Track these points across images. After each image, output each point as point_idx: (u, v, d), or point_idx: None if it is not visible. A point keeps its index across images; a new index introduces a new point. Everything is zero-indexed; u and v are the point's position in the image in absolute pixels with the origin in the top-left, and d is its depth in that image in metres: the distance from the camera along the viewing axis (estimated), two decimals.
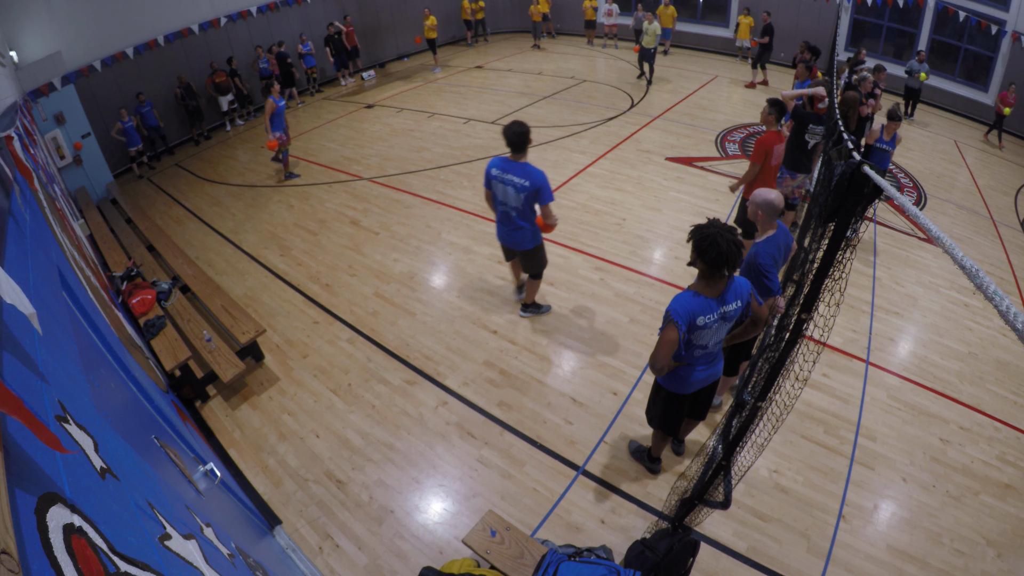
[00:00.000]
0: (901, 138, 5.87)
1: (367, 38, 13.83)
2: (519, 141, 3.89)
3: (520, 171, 3.95)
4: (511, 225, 4.22)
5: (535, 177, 3.93)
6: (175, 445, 2.13)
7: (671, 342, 2.51)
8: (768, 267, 3.12)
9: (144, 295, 4.78)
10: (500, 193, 4.10)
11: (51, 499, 0.74)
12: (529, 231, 4.23)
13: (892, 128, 5.67)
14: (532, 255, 4.43)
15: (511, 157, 4.01)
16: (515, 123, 3.89)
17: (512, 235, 4.29)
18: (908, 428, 3.83)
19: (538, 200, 4.00)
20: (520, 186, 3.96)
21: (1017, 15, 9.67)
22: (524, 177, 3.94)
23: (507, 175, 4.00)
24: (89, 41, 8.76)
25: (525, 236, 4.26)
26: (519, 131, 3.85)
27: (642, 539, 2.79)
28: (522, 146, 3.92)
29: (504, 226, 4.29)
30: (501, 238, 4.42)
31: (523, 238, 4.28)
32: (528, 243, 4.31)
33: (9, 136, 2.88)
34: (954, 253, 0.98)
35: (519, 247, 4.37)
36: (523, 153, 3.96)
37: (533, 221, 4.18)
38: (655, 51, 11.15)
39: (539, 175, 3.93)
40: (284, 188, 7.98)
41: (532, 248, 4.36)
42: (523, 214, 4.12)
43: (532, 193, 3.96)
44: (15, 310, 1.00)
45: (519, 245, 4.35)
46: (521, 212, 4.10)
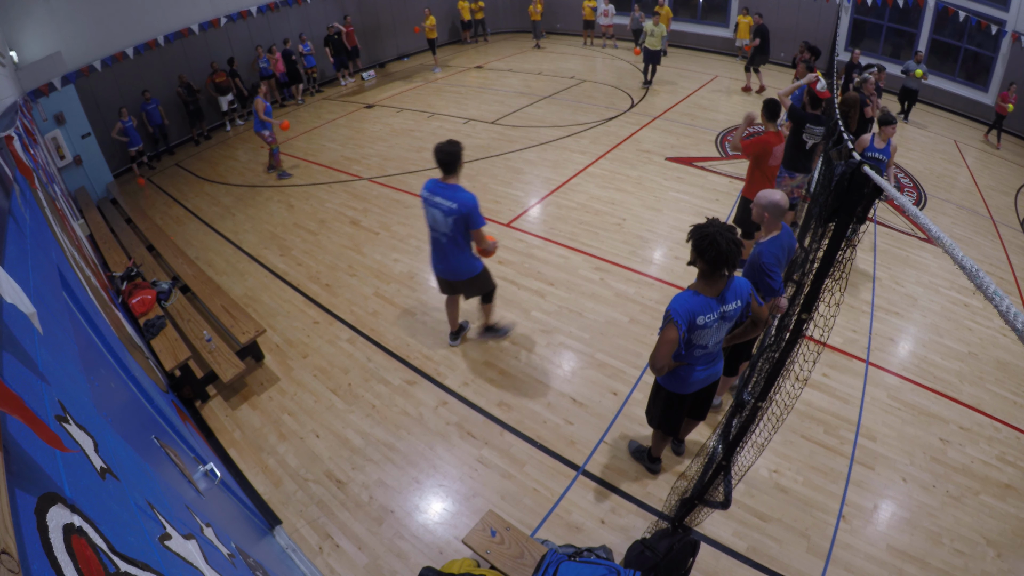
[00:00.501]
0: (897, 146, 5.34)
1: (367, 38, 13.84)
2: (448, 161, 3.58)
3: (448, 193, 3.63)
4: (441, 252, 3.87)
5: (463, 200, 3.60)
6: (175, 445, 2.13)
7: (671, 341, 2.51)
8: (771, 267, 3.12)
9: (144, 295, 4.78)
10: (429, 217, 3.77)
11: (51, 499, 0.74)
12: (463, 259, 3.87)
13: (886, 134, 5.15)
14: (473, 283, 4.08)
15: (442, 179, 3.69)
16: (447, 142, 3.60)
17: (443, 264, 3.93)
18: (908, 428, 3.83)
19: (468, 225, 3.67)
20: (447, 209, 3.63)
21: (1017, 15, 9.67)
22: (452, 200, 3.61)
23: (435, 197, 3.67)
24: (89, 41, 8.76)
25: (459, 264, 3.90)
26: (448, 150, 3.56)
27: (642, 539, 2.79)
28: (452, 166, 3.61)
29: (435, 254, 3.93)
30: (434, 268, 4.04)
31: (457, 266, 3.92)
32: (464, 272, 3.95)
33: (9, 136, 2.88)
34: (954, 253, 0.98)
35: (455, 276, 4.00)
36: (454, 174, 3.65)
37: (467, 248, 3.85)
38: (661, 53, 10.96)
39: (468, 198, 3.61)
40: (284, 188, 7.98)
41: (470, 277, 4.00)
42: (453, 240, 3.75)
43: (460, 218, 3.63)
44: (15, 310, 1.00)
45: (455, 275, 3.99)
46: (451, 238, 3.74)
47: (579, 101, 10.61)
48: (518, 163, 8.06)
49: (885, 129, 5.14)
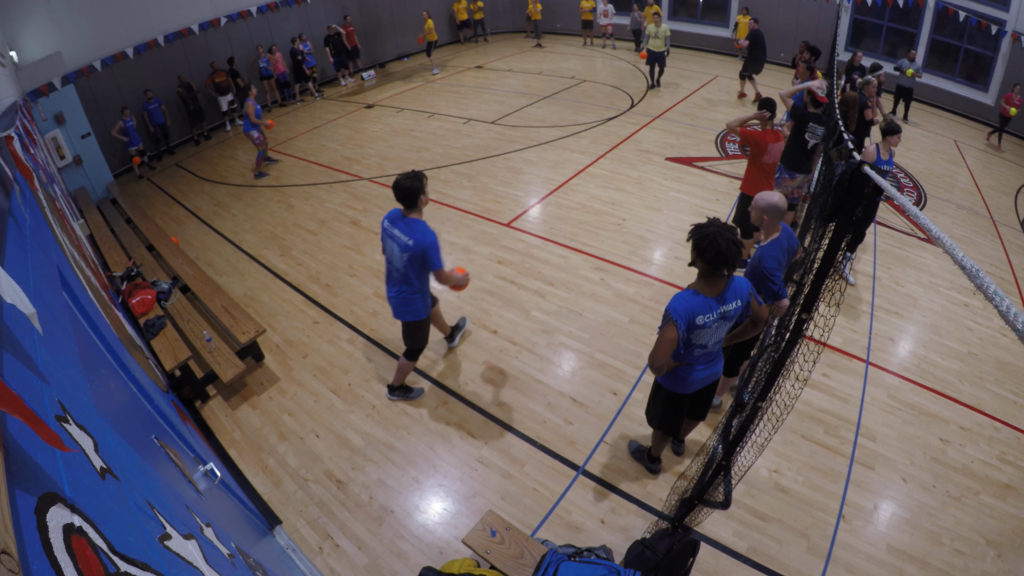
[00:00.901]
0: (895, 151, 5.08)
1: (367, 38, 13.84)
2: (406, 196, 3.26)
3: (406, 229, 3.31)
4: (393, 288, 3.57)
5: (420, 238, 3.27)
6: (175, 445, 2.13)
7: (670, 341, 2.51)
8: (773, 271, 3.11)
9: (144, 295, 4.78)
10: (387, 249, 3.47)
11: (51, 499, 0.74)
12: (411, 300, 3.54)
13: (890, 143, 4.80)
14: (410, 329, 3.75)
15: (403, 212, 3.38)
16: (407, 174, 3.29)
17: (392, 300, 3.61)
18: (908, 428, 3.83)
19: (426, 265, 3.37)
20: (403, 245, 3.32)
21: (1017, 15, 9.67)
22: (409, 236, 3.30)
23: (393, 229, 3.37)
24: (89, 41, 8.76)
25: (406, 305, 3.57)
26: (407, 185, 3.23)
27: (642, 539, 2.79)
28: (411, 200, 3.29)
29: (388, 288, 3.63)
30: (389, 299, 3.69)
31: (403, 306, 3.58)
32: (407, 313, 3.62)
33: (9, 136, 2.88)
34: (954, 253, 0.98)
35: (395, 315, 3.69)
36: (415, 209, 3.33)
37: (418, 289, 3.52)
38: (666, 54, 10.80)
39: (426, 235, 3.27)
40: (284, 188, 7.98)
41: (411, 321, 3.68)
42: (404, 278, 3.46)
43: (416, 256, 3.31)
44: (15, 310, 1.00)
45: (399, 314, 3.66)
46: (402, 275, 3.45)
47: (579, 101, 10.61)
48: (518, 163, 8.06)
49: (890, 139, 4.77)
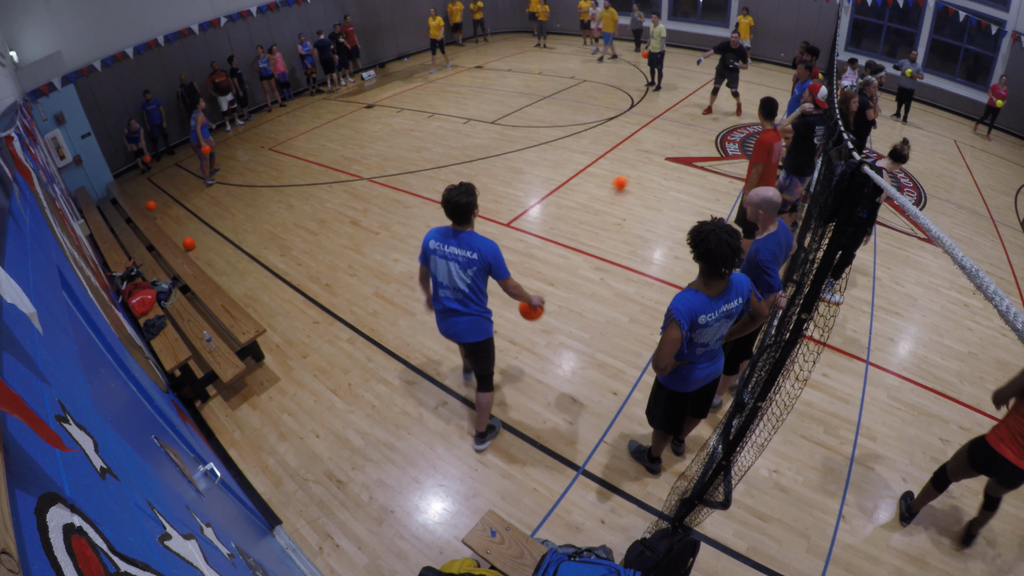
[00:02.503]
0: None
1: (367, 38, 13.83)
2: (462, 211, 3.00)
3: (462, 243, 3.06)
4: (453, 312, 3.24)
5: (483, 248, 3.03)
6: (175, 445, 2.13)
7: (674, 341, 2.52)
8: (768, 263, 3.12)
9: (144, 295, 4.78)
10: (439, 272, 3.16)
11: (51, 499, 0.74)
12: (477, 319, 3.25)
13: (894, 168, 4.79)
14: (480, 350, 3.40)
15: (453, 227, 3.10)
16: (458, 188, 3.00)
17: (454, 325, 3.29)
18: (908, 428, 3.83)
19: (492, 276, 3.13)
20: (466, 261, 3.06)
21: (1017, 15, 9.67)
22: (469, 249, 3.04)
23: (447, 248, 3.08)
24: (89, 41, 8.76)
25: (471, 325, 3.26)
26: (462, 202, 2.97)
27: (642, 539, 2.79)
28: (466, 216, 3.04)
29: (443, 313, 3.29)
30: (441, 329, 3.38)
31: (468, 328, 3.27)
32: (474, 334, 3.30)
33: (9, 136, 2.88)
34: (954, 253, 0.98)
35: (462, 339, 3.34)
36: (468, 223, 3.08)
37: (484, 305, 3.27)
38: (662, 55, 10.66)
39: (489, 246, 3.06)
40: (284, 188, 7.98)
41: (481, 341, 3.34)
42: (469, 298, 3.17)
43: (482, 269, 3.08)
44: (15, 310, 1.00)
45: (462, 336, 3.32)
46: (467, 295, 3.16)
47: (579, 101, 10.61)
48: (518, 163, 8.06)
49: (894, 165, 4.70)
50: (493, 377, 3.58)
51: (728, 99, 10.35)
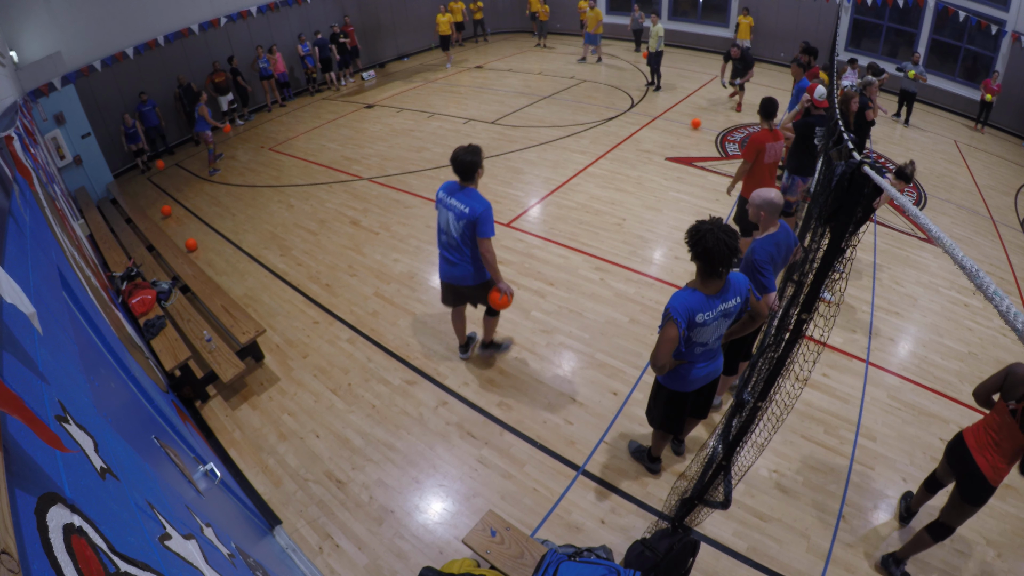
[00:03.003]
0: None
1: (367, 38, 13.83)
2: (467, 168, 3.48)
3: (463, 198, 3.53)
4: (452, 256, 3.74)
5: (476, 204, 3.47)
6: (175, 445, 2.13)
7: (671, 340, 2.52)
8: (763, 263, 3.11)
9: (144, 295, 4.78)
10: (442, 220, 3.67)
11: (51, 499, 0.74)
12: (468, 266, 3.72)
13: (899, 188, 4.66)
14: (477, 292, 3.90)
15: (459, 183, 3.59)
16: (465, 148, 3.50)
17: (450, 269, 3.78)
18: (908, 428, 3.83)
19: (476, 232, 3.53)
20: (459, 213, 3.52)
21: (1017, 15, 9.68)
22: (465, 203, 3.51)
23: (450, 199, 3.58)
24: (89, 41, 8.76)
25: (465, 271, 3.74)
26: (466, 159, 3.45)
27: (642, 539, 2.79)
28: (470, 173, 3.51)
29: (445, 257, 3.79)
30: (441, 274, 3.90)
31: (463, 273, 3.76)
32: (469, 279, 3.78)
33: (9, 136, 2.88)
34: (954, 253, 0.98)
35: (463, 282, 3.83)
36: (472, 180, 3.55)
37: (473, 257, 3.69)
38: (660, 54, 10.63)
39: (481, 203, 3.48)
40: (284, 188, 7.98)
41: (475, 285, 3.82)
42: (460, 246, 3.65)
43: (470, 223, 3.51)
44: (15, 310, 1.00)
45: (457, 280, 3.82)
46: (459, 244, 3.64)
47: (579, 101, 10.61)
48: (518, 163, 8.06)
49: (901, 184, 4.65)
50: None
51: (729, 99, 10.37)
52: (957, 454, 2.71)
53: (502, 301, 3.78)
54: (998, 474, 2.54)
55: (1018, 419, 2.46)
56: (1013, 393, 2.52)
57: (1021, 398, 2.47)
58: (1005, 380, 2.61)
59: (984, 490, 2.59)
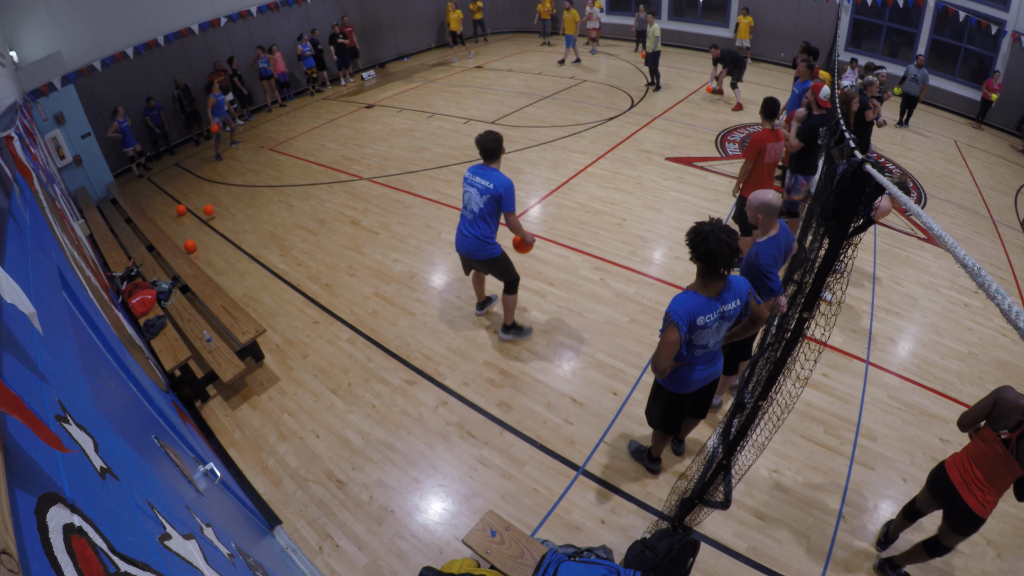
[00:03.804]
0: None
1: (367, 38, 13.83)
2: (491, 148, 3.88)
3: (488, 175, 3.90)
4: (466, 231, 4.06)
5: (499, 181, 3.85)
6: (175, 445, 2.13)
7: (673, 343, 2.51)
8: (769, 267, 3.12)
9: (144, 295, 4.78)
10: (466, 197, 4.02)
11: (51, 499, 0.74)
12: (483, 239, 4.04)
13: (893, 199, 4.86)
14: (491, 265, 4.22)
15: (484, 163, 3.98)
16: (488, 133, 3.89)
17: (465, 241, 4.10)
18: (908, 428, 3.83)
19: (501, 207, 3.91)
20: (483, 188, 3.89)
21: (1017, 15, 9.68)
22: (489, 180, 3.88)
23: (475, 177, 3.96)
24: (89, 41, 8.76)
25: (476, 245, 4.06)
26: (491, 139, 3.86)
27: (642, 539, 2.79)
28: (494, 154, 3.90)
29: (460, 231, 4.12)
30: (457, 246, 4.22)
31: (473, 247, 4.08)
32: (478, 253, 4.11)
33: (9, 136, 2.88)
34: (956, 252, 0.98)
35: (473, 256, 4.15)
36: (496, 161, 3.94)
37: (489, 231, 4.04)
38: (658, 55, 10.64)
39: (504, 180, 3.86)
40: (284, 188, 7.98)
41: (487, 259, 4.15)
42: (477, 219, 3.98)
43: (493, 198, 3.87)
44: (15, 310, 0.99)
45: (473, 254, 4.13)
46: (477, 217, 3.97)
47: (579, 101, 10.61)
48: (518, 163, 8.06)
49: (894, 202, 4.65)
50: (516, 284, 4.38)
51: (729, 99, 10.37)
52: (940, 487, 2.53)
53: (526, 248, 4.19)
54: (987, 508, 2.37)
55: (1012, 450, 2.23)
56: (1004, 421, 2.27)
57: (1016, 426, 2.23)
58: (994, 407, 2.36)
59: (974, 523, 2.44)
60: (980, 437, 2.39)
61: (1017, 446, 2.21)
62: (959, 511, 2.45)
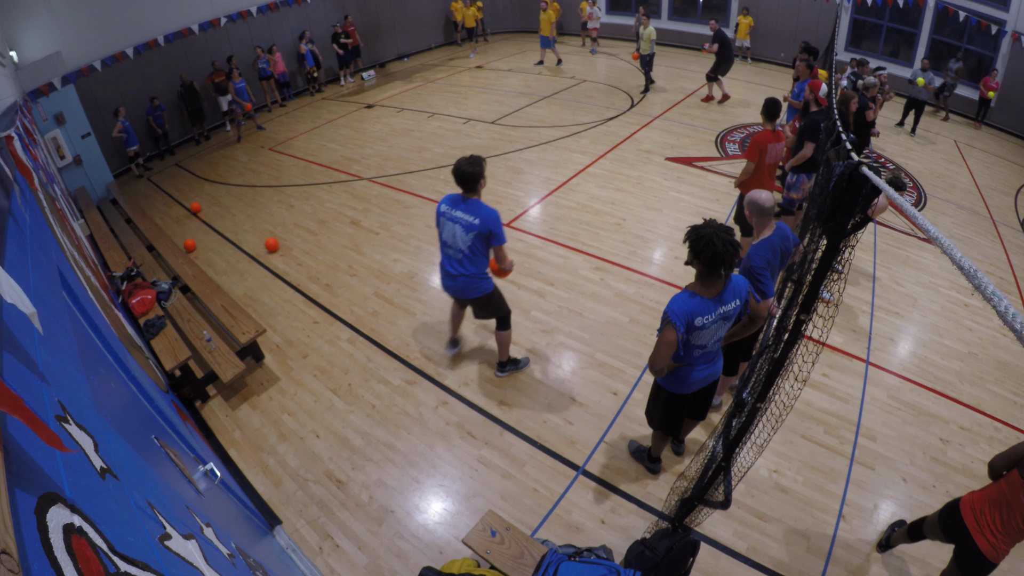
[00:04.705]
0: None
1: (367, 38, 13.83)
2: (470, 177, 3.47)
3: (470, 209, 3.52)
4: (455, 271, 3.70)
5: (485, 215, 3.48)
6: (175, 445, 2.13)
7: (669, 343, 2.51)
8: (760, 269, 3.11)
9: (144, 295, 4.78)
10: (446, 234, 3.62)
11: (51, 499, 0.74)
12: (472, 279, 3.70)
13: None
14: (485, 302, 3.89)
15: (462, 195, 3.57)
16: (467, 159, 3.50)
17: (455, 282, 3.74)
18: (908, 428, 3.83)
19: (490, 242, 3.57)
20: (468, 225, 3.50)
21: (1017, 15, 9.67)
22: (474, 215, 3.49)
23: (455, 212, 3.55)
24: (89, 41, 8.76)
25: (468, 283, 3.72)
26: (469, 170, 3.45)
27: (642, 539, 2.79)
28: (473, 184, 3.50)
29: (446, 270, 3.76)
30: (445, 286, 3.88)
31: (465, 286, 3.74)
32: (471, 292, 3.78)
33: (9, 136, 2.88)
34: (952, 253, 0.98)
35: (465, 295, 3.83)
36: (475, 191, 3.54)
37: (481, 267, 3.70)
38: (651, 57, 10.58)
39: (490, 213, 3.50)
40: (284, 188, 7.98)
41: (482, 296, 3.82)
42: (468, 258, 3.62)
43: (481, 235, 3.51)
44: (15, 310, 1.00)
45: (465, 293, 3.80)
46: (467, 256, 3.61)
47: (579, 101, 10.61)
48: (518, 163, 8.06)
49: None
50: (508, 319, 4.06)
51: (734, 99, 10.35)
52: (953, 526, 2.46)
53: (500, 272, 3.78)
54: (1000, 554, 2.30)
55: None
56: None
57: None
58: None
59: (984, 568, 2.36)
60: (1007, 481, 2.29)
61: None
62: (970, 553, 2.38)
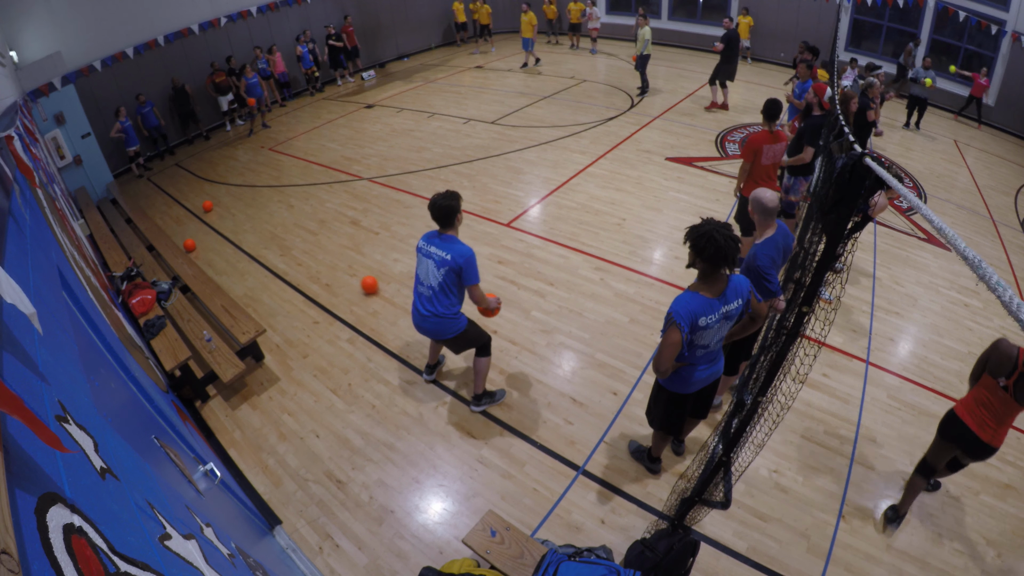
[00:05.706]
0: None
1: (367, 38, 13.82)
2: (445, 212, 3.34)
3: (444, 245, 3.37)
4: (425, 310, 3.52)
5: (457, 252, 3.32)
6: (175, 445, 2.13)
7: (674, 344, 2.51)
8: (767, 268, 3.12)
9: (144, 295, 4.78)
10: (420, 270, 3.50)
11: (51, 499, 0.74)
12: (442, 319, 3.50)
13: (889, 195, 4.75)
14: (460, 340, 3.67)
15: (439, 230, 3.45)
16: (442, 194, 3.36)
17: (425, 323, 3.56)
18: (908, 428, 3.83)
19: (462, 280, 3.40)
20: (440, 260, 3.35)
21: (1017, 15, 9.67)
22: (447, 251, 3.34)
23: (430, 247, 3.43)
24: (89, 41, 8.76)
25: (439, 324, 3.53)
26: (444, 203, 3.32)
27: (642, 539, 2.79)
28: (448, 219, 3.36)
29: (418, 310, 3.57)
30: (417, 327, 3.67)
31: (436, 327, 3.55)
32: (443, 332, 3.59)
33: (9, 136, 2.88)
34: (956, 244, 0.98)
35: (438, 336, 3.65)
36: (452, 227, 3.41)
37: (452, 307, 3.50)
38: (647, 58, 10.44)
39: (463, 250, 3.34)
40: (284, 188, 7.98)
41: (455, 335, 3.61)
42: (437, 296, 3.44)
43: (452, 271, 3.35)
44: (15, 310, 0.99)
45: (438, 335, 3.62)
46: (436, 293, 3.44)
47: (579, 101, 10.61)
48: (518, 163, 8.06)
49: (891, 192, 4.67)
50: (489, 346, 3.84)
51: (734, 100, 10.35)
52: (955, 431, 2.86)
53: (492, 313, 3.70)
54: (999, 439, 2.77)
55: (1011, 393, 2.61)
56: (1000, 370, 2.65)
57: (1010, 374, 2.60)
58: (990, 358, 2.72)
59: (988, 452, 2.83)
60: (982, 385, 2.75)
61: (1014, 390, 2.61)
62: (975, 446, 2.81)
